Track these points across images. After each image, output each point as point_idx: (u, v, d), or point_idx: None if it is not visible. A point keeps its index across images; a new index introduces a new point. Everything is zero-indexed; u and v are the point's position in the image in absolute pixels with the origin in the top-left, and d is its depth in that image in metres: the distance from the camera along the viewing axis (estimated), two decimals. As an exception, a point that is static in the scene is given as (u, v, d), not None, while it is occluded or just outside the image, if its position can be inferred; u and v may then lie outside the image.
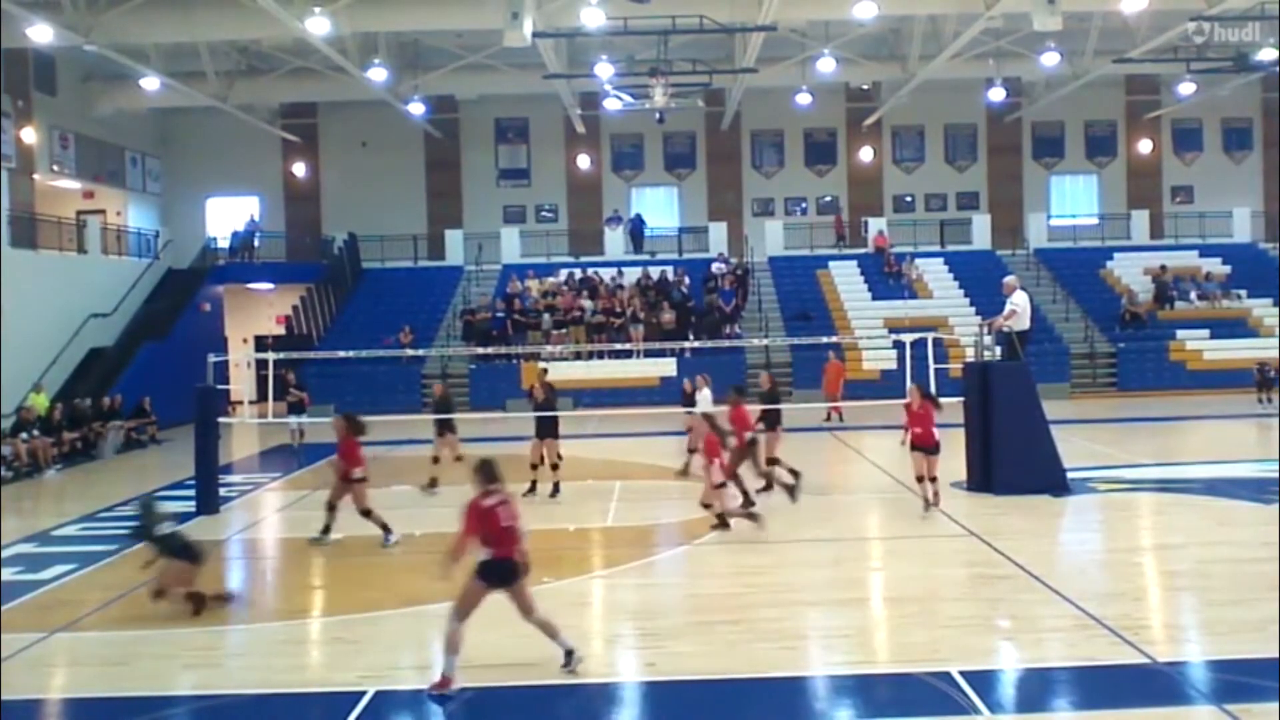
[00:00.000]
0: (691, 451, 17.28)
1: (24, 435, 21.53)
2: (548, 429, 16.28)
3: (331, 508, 13.23)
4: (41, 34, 24.71)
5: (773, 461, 15.73)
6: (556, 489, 16.17)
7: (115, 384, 27.14)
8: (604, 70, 29.14)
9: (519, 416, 18.07)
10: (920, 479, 14.16)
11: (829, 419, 25.99)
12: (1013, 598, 10.14)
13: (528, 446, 16.55)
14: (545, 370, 18.68)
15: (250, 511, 16.39)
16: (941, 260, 36.80)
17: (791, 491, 15.01)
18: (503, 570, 7.99)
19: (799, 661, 8.62)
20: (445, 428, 17.59)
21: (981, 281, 32.99)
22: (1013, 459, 15.25)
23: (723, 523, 13.29)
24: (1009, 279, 17.49)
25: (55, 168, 31.32)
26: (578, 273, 35.66)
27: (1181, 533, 12.93)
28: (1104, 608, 9.50)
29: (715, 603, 10.22)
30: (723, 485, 13.48)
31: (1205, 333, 32.63)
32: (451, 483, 15.31)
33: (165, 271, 34.50)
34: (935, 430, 14.04)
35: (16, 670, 8.69)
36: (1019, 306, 16.39)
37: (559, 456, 16.40)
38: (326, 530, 13.24)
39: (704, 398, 17.49)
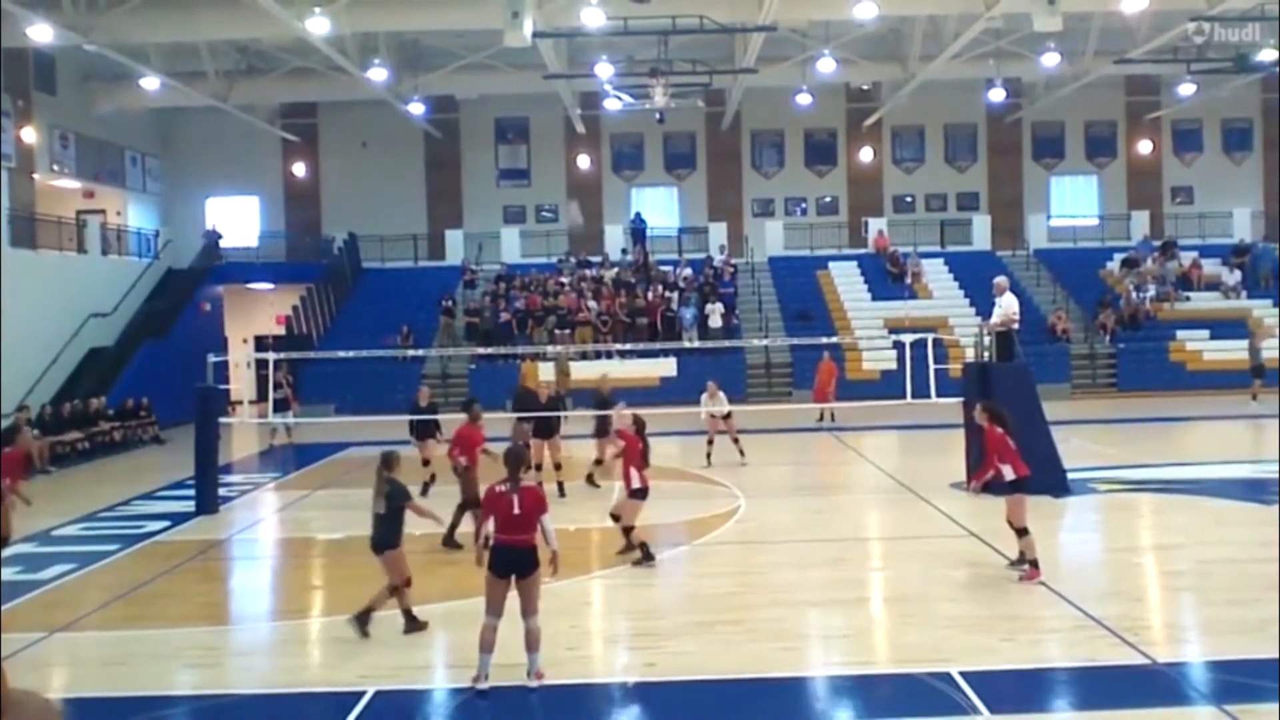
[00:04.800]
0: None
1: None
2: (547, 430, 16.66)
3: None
4: (41, 34, 24.67)
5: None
6: (561, 490, 16.35)
7: (115, 384, 27.14)
8: (604, 70, 29.11)
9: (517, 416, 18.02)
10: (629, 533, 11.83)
11: (821, 419, 25.98)
12: (1013, 598, 10.14)
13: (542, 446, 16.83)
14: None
15: (250, 511, 16.39)
16: (941, 260, 36.77)
17: None
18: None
19: (799, 661, 8.62)
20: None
21: (981, 282, 32.62)
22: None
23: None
24: (999, 279, 17.49)
25: (55, 167, 31.27)
26: (577, 272, 35.63)
27: (1181, 533, 12.94)
28: (1104, 608, 9.51)
29: (715, 603, 10.22)
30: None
31: (1205, 333, 32.61)
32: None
33: (165, 271, 34.51)
34: (635, 474, 11.70)
35: (16, 670, 8.65)
36: (1008, 307, 16.47)
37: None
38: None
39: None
